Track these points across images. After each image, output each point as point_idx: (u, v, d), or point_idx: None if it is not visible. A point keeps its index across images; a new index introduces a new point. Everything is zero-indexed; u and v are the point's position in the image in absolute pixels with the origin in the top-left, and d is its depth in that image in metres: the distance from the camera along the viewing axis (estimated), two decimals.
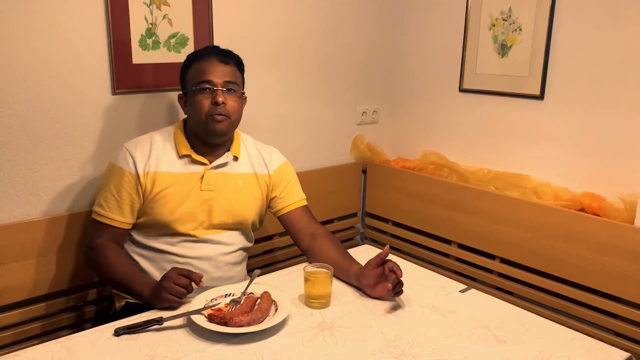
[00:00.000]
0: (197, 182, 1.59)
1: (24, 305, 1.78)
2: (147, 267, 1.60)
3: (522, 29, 2.20)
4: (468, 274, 2.36)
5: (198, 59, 1.58)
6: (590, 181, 2.06)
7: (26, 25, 1.66)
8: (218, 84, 1.55)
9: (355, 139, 2.66)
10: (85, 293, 1.91)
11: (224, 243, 1.63)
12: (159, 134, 1.64)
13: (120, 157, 1.58)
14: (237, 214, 1.64)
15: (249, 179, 1.67)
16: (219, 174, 1.62)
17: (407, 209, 2.56)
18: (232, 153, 1.65)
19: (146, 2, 1.87)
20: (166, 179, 1.57)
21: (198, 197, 1.58)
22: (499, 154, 2.35)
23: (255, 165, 1.69)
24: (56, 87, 1.75)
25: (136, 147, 1.58)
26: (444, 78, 2.51)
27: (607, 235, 1.90)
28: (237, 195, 1.64)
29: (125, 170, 1.56)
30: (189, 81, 1.59)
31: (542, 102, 2.17)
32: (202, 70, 1.56)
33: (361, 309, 1.43)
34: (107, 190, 1.57)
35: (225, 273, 1.64)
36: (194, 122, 1.59)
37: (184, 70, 1.63)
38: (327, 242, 1.66)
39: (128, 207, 1.56)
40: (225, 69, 1.57)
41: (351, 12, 2.49)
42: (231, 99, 1.56)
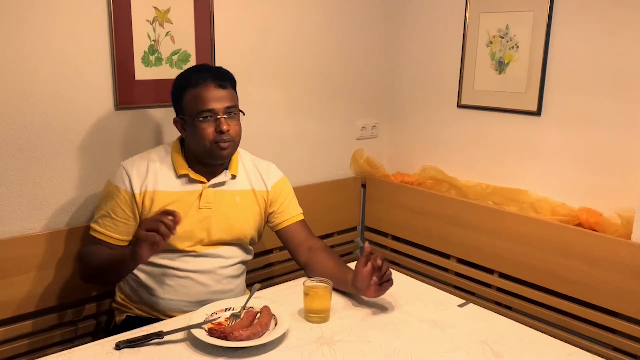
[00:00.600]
0: (195, 200, 1.60)
1: (24, 319, 1.79)
2: (147, 282, 1.61)
3: (519, 46, 2.23)
4: (467, 288, 2.37)
5: (194, 85, 1.55)
6: (587, 196, 2.08)
7: (30, 42, 1.69)
8: (220, 111, 1.54)
9: (354, 153, 2.69)
10: (84, 307, 1.91)
11: (222, 256, 1.65)
12: (156, 152, 1.64)
13: (117, 176, 1.59)
14: (236, 231, 1.65)
15: (246, 196, 1.68)
16: (216, 191, 1.63)
17: (406, 223, 2.57)
18: (230, 172, 1.66)
19: (149, 20, 1.90)
20: (165, 198, 1.58)
21: (196, 215, 1.60)
22: (497, 169, 2.37)
23: (253, 182, 1.70)
24: (60, 103, 1.78)
25: (133, 165, 1.59)
26: (443, 94, 2.54)
27: (604, 250, 1.91)
28: (235, 212, 1.65)
29: (121, 189, 1.57)
30: (186, 108, 1.56)
31: (539, 118, 2.20)
32: (202, 99, 1.53)
33: (360, 323, 1.44)
34: (103, 208, 1.59)
35: (224, 286, 1.65)
36: (197, 148, 1.57)
37: (177, 94, 1.59)
38: (324, 256, 1.67)
39: (123, 226, 1.58)
40: (224, 93, 1.55)
41: (351, 29, 2.53)
42: (233, 122, 1.57)
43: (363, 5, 2.54)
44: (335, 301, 1.51)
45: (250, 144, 2.06)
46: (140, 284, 1.62)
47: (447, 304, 1.57)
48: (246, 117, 1.65)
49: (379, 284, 1.46)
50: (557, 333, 2.03)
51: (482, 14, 2.33)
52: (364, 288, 1.49)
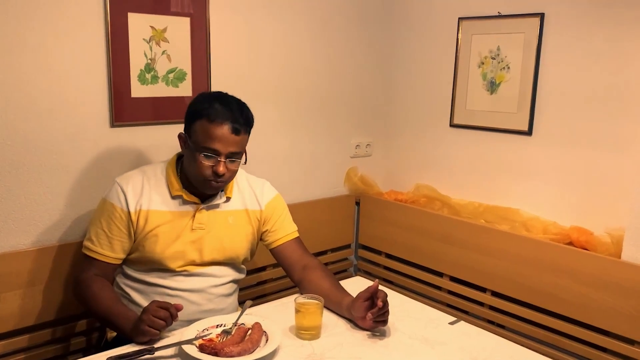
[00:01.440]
0: (188, 221, 1.60)
1: (13, 335, 1.78)
2: (138, 299, 1.61)
3: (510, 67, 2.27)
4: (459, 306, 2.37)
5: (211, 121, 1.49)
6: (577, 215, 2.10)
7: (27, 58, 1.72)
8: (223, 154, 1.51)
9: (348, 171, 2.71)
10: (75, 324, 1.91)
11: (214, 275, 1.65)
12: (151, 170, 1.63)
13: (112, 193, 1.58)
14: (228, 251, 1.65)
15: (240, 216, 1.68)
16: (210, 212, 1.63)
17: (399, 241, 2.58)
18: (226, 194, 1.66)
19: (146, 39, 1.94)
20: (158, 218, 1.58)
21: (189, 236, 1.60)
22: (489, 187, 2.39)
23: (246, 202, 1.70)
24: (55, 120, 1.80)
25: (128, 183, 1.58)
26: (436, 113, 2.57)
27: (594, 269, 1.93)
28: (228, 233, 1.65)
29: (117, 207, 1.57)
30: (194, 134, 1.52)
31: (530, 137, 2.23)
32: (211, 136, 1.49)
33: (351, 340, 1.45)
34: (98, 225, 1.58)
35: (216, 305, 1.65)
36: (191, 174, 1.57)
37: (192, 116, 1.53)
38: (319, 274, 1.67)
39: (118, 243, 1.57)
40: (235, 139, 1.51)
41: (345, 48, 2.57)
42: (232, 165, 1.54)
43: (357, 25, 2.59)
44: (327, 318, 1.52)
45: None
46: (132, 302, 1.62)
47: (438, 322, 1.58)
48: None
49: (373, 320, 1.45)
50: (548, 351, 2.04)
51: (474, 36, 2.38)
52: (358, 318, 1.50)
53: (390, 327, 1.51)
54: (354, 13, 2.56)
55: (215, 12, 2.09)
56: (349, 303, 1.54)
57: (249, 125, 1.57)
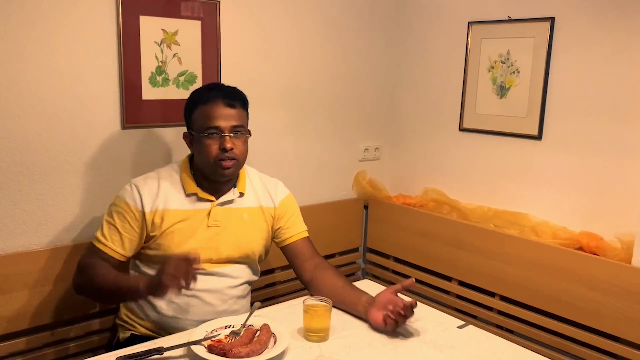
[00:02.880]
0: (204, 219, 1.62)
1: (25, 334, 1.80)
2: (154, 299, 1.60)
3: (520, 72, 2.26)
4: (468, 311, 2.37)
5: (204, 102, 1.58)
6: (587, 220, 2.09)
7: (40, 61, 1.74)
8: (225, 129, 1.56)
9: (357, 175, 2.71)
10: (89, 323, 1.92)
11: (230, 276, 1.65)
12: (166, 171, 1.66)
13: (128, 193, 1.60)
14: (244, 248, 1.66)
15: (254, 213, 1.70)
16: (225, 209, 1.65)
17: (408, 245, 2.58)
18: (239, 189, 1.68)
19: (157, 41, 1.95)
20: (174, 216, 1.59)
21: (205, 233, 1.61)
22: (498, 192, 2.39)
23: (261, 199, 1.72)
24: (68, 121, 1.81)
25: (144, 184, 1.61)
26: (445, 117, 2.57)
27: (605, 275, 1.91)
28: (244, 230, 1.66)
29: (132, 206, 1.58)
30: (195, 124, 1.60)
31: (539, 142, 2.22)
32: (209, 115, 1.56)
33: (359, 343, 1.45)
34: (111, 221, 1.59)
35: (230, 306, 1.65)
36: (202, 164, 1.61)
37: (189, 109, 1.63)
38: (331, 273, 1.68)
39: (129, 241, 1.59)
40: (232, 112, 1.58)
41: (354, 53, 2.57)
42: (238, 142, 1.59)
43: (366, 29, 2.59)
44: (335, 320, 1.51)
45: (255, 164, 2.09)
46: (148, 301, 1.62)
47: (447, 325, 1.58)
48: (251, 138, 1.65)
49: (391, 317, 1.46)
50: (557, 357, 2.03)
51: (484, 40, 2.38)
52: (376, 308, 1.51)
53: (398, 331, 1.51)
54: (364, 17, 2.57)
55: (225, 15, 2.11)
56: (367, 300, 1.55)
57: (243, 101, 1.64)
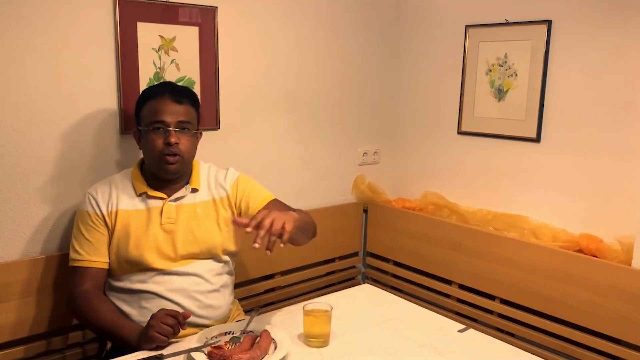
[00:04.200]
0: (156, 217, 1.61)
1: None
2: (126, 309, 1.59)
3: (517, 74, 2.27)
4: (468, 314, 2.36)
5: (152, 97, 1.61)
6: (587, 222, 2.09)
7: (38, 69, 1.74)
8: (171, 124, 1.57)
9: (356, 179, 2.71)
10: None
11: (194, 273, 1.62)
12: (118, 176, 1.69)
13: (85, 202, 1.63)
14: (202, 242, 1.63)
15: (208, 206, 1.68)
16: (177, 205, 1.64)
17: (407, 249, 2.58)
18: (191, 186, 1.67)
19: (155, 48, 1.95)
20: (127, 217, 1.60)
21: (160, 231, 1.60)
22: (497, 195, 2.39)
23: (213, 192, 1.70)
24: (66, 128, 1.81)
25: (97, 190, 1.64)
26: (443, 121, 2.57)
27: (605, 277, 1.91)
28: (198, 224, 1.64)
29: (91, 212, 1.60)
30: (142, 119, 1.62)
31: (538, 144, 2.22)
32: (156, 110, 1.58)
33: (360, 348, 1.44)
34: (80, 235, 1.60)
35: (202, 302, 1.61)
36: (148, 160, 1.63)
37: (138, 105, 1.65)
38: None
39: (103, 246, 1.59)
40: (179, 108, 1.59)
41: (352, 57, 2.58)
42: (184, 138, 1.59)
43: (364, 34, 2.60)
44: (335, 326, 1.51)
45: (253, 169, 2.09)
46: (122, 311, 1.59)
47: (448, 329, 1.57)
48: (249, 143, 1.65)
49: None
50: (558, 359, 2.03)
51: (481, 43, 2.38)
52: None
53: (399, 335, 1.51)
54: (361, 21, 2.58)
55: (223, 21, 2.11)
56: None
57: (193, 99, 1.65)
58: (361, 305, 1.72)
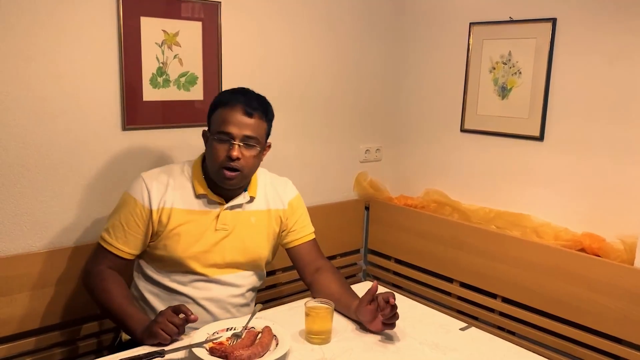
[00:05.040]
0: (212, 222, 1.59)
1: (28, 336, 1.79)
2: (154, 303, 1.60)
3: (521, 72, 2.26)
4: (470, 312, 2.36)
5: (224, 105, 1.53)
6: (589, 221, 2.09)
7: (40, 63, 1.73)
8: (237, 137, 1.51)
9: (358, 176, 2.71)
10: (87, 325, 1.92)
11: (234, 284, 1.63)
12: (177, 168, 1.62)
13: (136, 188, 1.57)
14: (250, 253, 1.64)
15: (262, 216, 1.67)
16: (234, 213, 1.62)
17: (409, 246, 2.57)
18: (249, 194, 1.64)
19: (158, 43, 1.95)
20: (182, 216, 1.57)
21: (212, 236, 1.58)
22: (499, 193, 2.38)
23: (269, 201, 1.69)
24: (68, 123, 1.81)
25: (153, 180, 1.57)
26: (446, 118, 2.57)
27: (607, 276, 1.91)
28: (251, 234, 1.63)
29: (139, 202, 1.55)
30: (212, 124, 1.56)
31: (541, 143, 2.22)
32: (225, 120, 1.51)
33: (361, 345, 1.44)
34: (117, 218, 1.57)
35: (233, 315, 1.63)
36: (209, 166, 1.57)
37: (211, 109, 1.58)
38: (330, 277, 1.67)
39: (133, 239, 1.56)
40: (248, 121, 1.52)
41: (355, 53, 2.57)
42: (248, 152, 1.53)
43: (368, 30, 2.59)
44: (337, 323, 1.51)
45: None
46: (149, 305, 1.61)
47: (449, 327, 1.57)
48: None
49: (383, 322, 1.46)
50: (560, 359, 2.02)
51: (485, 41, 2.37)
52: (366, 322, 1.50)
53: (400, 333, 1.50)
54: (364, 18, 2.57)
55: (226, 17, 2.10)
56: (356, 307, 1.54)
57: (265, 112, 1.58)
58: None
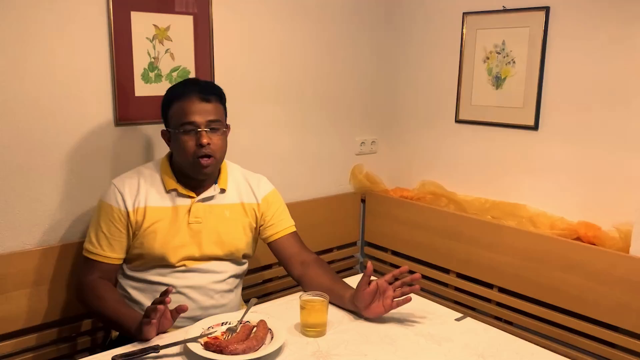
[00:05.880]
0: (184, 216, 1.61)
1: (19, 335, 1.79)
2: (139, 298, 1.61)
3: (515, 62, 2.25)
4: (467, 303, 2.36)
5: (179, 98, 1.56)
6: (585, 210, 2.09)
7: (31, 59, 1.72)
8: (201, 124, 1.54)
9: (353, 168, 2.70)
10: (80, 323, 1.91)
11: (214, 271, 1.64)
12: (146, 168, 1.66)
13: (110, 195, 1.59)
14: (227, 245, 1.65)
15: (236, 209, 1.68)
16: (206, 206, 1.63)
17: (405, 238, 2.57)
18: (220, 186, 1.66)
19: (149, 37, 1.94)
20: (155, 214, 1.58)
21: (187, 230, 1.60)
22: (495, 183, 2.38)
23: (242, 195, 1.70)
24: (60, 120, 1.80)
25: (124, 183, 1.60)
26: (441, 109, 2.56)
27: (603, 264, 1.91)
28: (226, 226, 1.65)
29: (115, 207, 1.57)
30: (171, 120, 1.58)
31: (536, 132, 2.21)
32: (185, 111, 1.54)
33: (357, 337, 1.44)
34: (98, 227, 1.58)
35: (217, 301, 1.64)
36: (180, 161, 1.59)
37: (165, 106, 1.61)
38: (318, 270, 1.68)
39: (118, 243, 1.58)
40: (207, 107, 1.55)
41: (349, 45, 2.56)
42: (215, 137, 1.56)
43: (361, 21, 2.58)
44: (332, 315, 1.51)
45: (250, 160, 2.09)
46: (132, 300, 1.62)
47: (445, 318, 1.57)
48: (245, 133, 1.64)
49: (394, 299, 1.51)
50: (556, 347, 2.02)
51: (479, 30, 2.36)
52: (362, 307, 1.50)
53: (396, 324, 1.50)
54: (357, 9, 2.55)
55: (218, 10, 2.09)
56: (350, 296, 1.54)
57: (219, 95, 1.62)
58: None
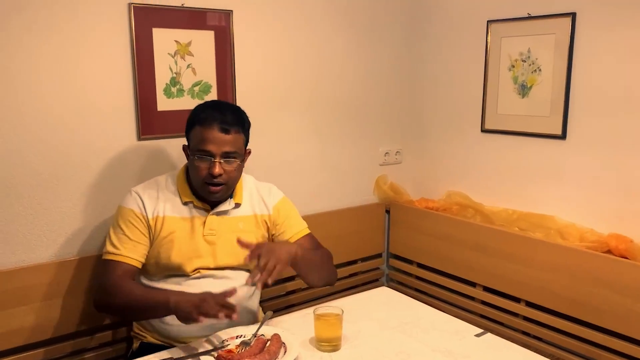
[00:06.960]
0: (199, 228, 1.64)
1: (37, 347, 1.81)
2: None
3: (541, 70, 2.19)
4: (493, 317, 2.30)
5: (201, 123, 1.58)
6: (616, 222, 2.01)
7: (55, 75, 1.77)
8: (217, 155, 1.56)
9: (378, 179, 2.68)
10: (100, 335, 1.93)
11: (229, 278, 1.65)
12: (163, 179, 1.69)
13: (131, 200, 1.63)
14: (241, 256, 1.63)
15: (249, 221, 1.71)
16: (220, 219, 1.66)
17: (431, 250, 2.53)
18: (235, 200, 1.69)
19: (171, 53, 1.97)
20: (173, 224, 1.62)
21: (202, 241, 1.63)
22: (522, 194, 2.32)
23: (255, 207, 1.73)
24: (84, 134, 1.85)
25: (144, 191, 1.64)
26: (466, 118, 2.52)
27: (635, 279, 1.83)
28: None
29: (137, 212, 1.61)
30: (190, 141, 1.62)
31: (564, 141, 2.15)
32: (202, 138, 1.56)
33: (372, 352, 1.42)
34: (119, 231, 1.61)
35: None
36: (193, 180, 1.63)
37: (188, 126, 1.64)
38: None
39: (141, 247, 1.61)
40: (226, 137, 1.56)
41: (372, 55, 2.55)
42: (229, 167, 1.58)
43: (385, 30, 2.56)
44: (347, 330, 1.49)
45: (274, 171, 2.09)
46: None
47: (464, 334, 1.53)
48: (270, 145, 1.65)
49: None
50: None
51: (504, 38, 2.32)
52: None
53: (413, 339, 1.48)
54: (381, 19, 2.54)
55: (239, 24, 2.11)
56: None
57: (241, 125, 1.62)
58: (376, 308, 1.69)
